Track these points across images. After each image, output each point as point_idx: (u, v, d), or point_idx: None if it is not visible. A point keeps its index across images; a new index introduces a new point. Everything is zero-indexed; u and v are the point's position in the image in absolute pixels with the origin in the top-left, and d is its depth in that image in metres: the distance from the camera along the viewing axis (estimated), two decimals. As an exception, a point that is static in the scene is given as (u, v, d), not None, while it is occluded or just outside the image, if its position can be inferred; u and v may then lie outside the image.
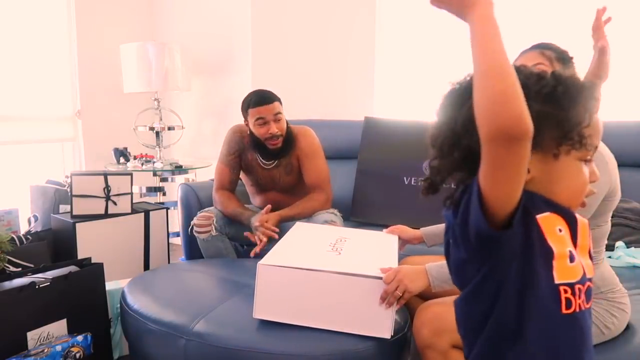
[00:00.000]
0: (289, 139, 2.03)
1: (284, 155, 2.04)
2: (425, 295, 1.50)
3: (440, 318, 1.20)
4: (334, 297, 1.21)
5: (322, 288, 1.21)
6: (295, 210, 1.99)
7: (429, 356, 1.20)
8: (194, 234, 1.97)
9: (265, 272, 1.23)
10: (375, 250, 1.43)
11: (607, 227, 1.30)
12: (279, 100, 1.98)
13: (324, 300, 1.22)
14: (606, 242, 1.32)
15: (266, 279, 1.23)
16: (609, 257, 1.87)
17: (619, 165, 2.21)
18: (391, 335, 1.21)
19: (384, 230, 1.66)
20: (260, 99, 1.94)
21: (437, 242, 1.62)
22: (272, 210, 1.96)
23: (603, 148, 1.24)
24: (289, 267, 1.23)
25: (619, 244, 1.91)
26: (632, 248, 1.90)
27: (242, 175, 2.17)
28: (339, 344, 1.20)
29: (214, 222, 1.95)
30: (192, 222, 1.99)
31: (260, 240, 1.84)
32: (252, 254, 1.86)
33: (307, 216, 2.00)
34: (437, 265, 1.23)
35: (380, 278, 1.20)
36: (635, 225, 1.97)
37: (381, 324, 1.21)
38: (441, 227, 1.62)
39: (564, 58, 1.34)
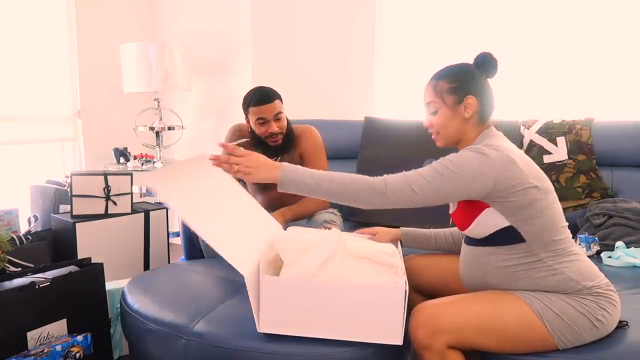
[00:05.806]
0: (290, 136, 2.03)
1: (284, 152, 2.05)
2: (426, 295, 1.50)
3: (436, 319, 1.19)
4: (343, 306, 1.19)
5: (331, 297, 1.19)
6: (298, 209, 1.99)
7: (426, 357, 1.19)
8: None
9: (269, 284, 1.20)
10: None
11: (545, 220, 1.21)
12: (279, 97, 1.96)
13: (332, 310, 1.19)
14: (560, 237, 1.22)
15: (271, 291, 1.20)
16: (609, 257, 1.88)
17: (617, 166, 2.21)
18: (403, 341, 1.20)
19: (357, 231, 1.66)
20: (260, 98, 1.92)
21: (413, 246, 1.62)
22: (273, 208, 1.96)
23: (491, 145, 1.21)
24: (295, 279, 1.21)
25: (619, 244, 1.91)
26: (632, 248, 1.90)
27: None
28: (338, 344, 1.20)
29: None
30: None
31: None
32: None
33: (308, 215, 2.01)
34: (292, 169, 1.26)
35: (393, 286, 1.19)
36: (635, 225, 1.97)
37: (392, 331, 1.19)
38: (422, 231, 1.63)
39: (459, 88, 1.26)
